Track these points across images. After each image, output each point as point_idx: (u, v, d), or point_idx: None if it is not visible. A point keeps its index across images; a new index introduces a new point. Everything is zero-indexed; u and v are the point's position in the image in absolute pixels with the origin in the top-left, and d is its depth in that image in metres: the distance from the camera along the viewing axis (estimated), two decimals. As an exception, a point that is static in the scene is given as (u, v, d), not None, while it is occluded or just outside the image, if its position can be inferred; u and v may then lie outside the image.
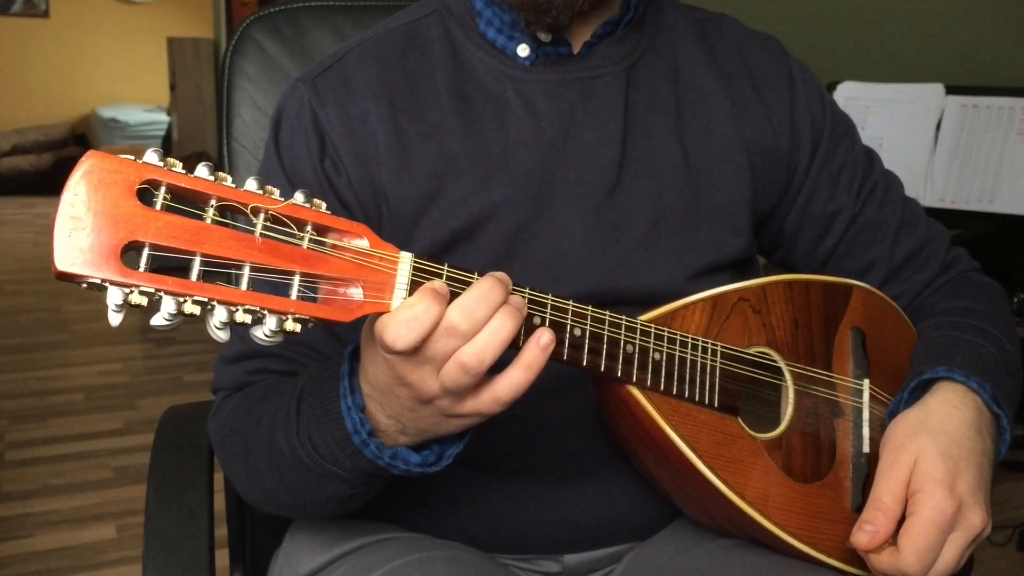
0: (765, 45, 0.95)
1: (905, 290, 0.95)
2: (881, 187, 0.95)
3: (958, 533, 0.73)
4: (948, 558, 0.73)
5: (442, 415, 0.65)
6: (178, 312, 0.52)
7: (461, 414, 0.64)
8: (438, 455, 0.70)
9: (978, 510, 0.74)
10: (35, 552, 2.19)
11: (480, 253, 0.82)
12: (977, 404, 0.79)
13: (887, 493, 0.75)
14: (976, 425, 0.77)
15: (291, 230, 0.56)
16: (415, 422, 0.66)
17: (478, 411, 0.64)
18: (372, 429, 0.67)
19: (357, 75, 0.84)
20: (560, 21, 0.80)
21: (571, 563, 0.89)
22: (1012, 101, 2.07)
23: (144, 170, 0.52)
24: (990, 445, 0.78)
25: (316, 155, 0.82)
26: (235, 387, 0.83)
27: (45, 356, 3.42)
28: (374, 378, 0.65)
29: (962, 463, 0.75)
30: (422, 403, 0.64)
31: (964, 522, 0.73)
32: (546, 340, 0.62)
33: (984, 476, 0.76)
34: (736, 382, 0.77)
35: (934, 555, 0.73)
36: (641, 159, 0.85)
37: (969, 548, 0.74)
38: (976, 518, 0.73)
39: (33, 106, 6.69)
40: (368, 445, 0.67)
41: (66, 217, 0.50)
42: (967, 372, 0.80)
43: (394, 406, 0.65)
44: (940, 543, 0.73)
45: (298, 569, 0.86)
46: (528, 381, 0.63)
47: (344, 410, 0.67)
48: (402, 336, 0.58)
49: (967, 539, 0.74)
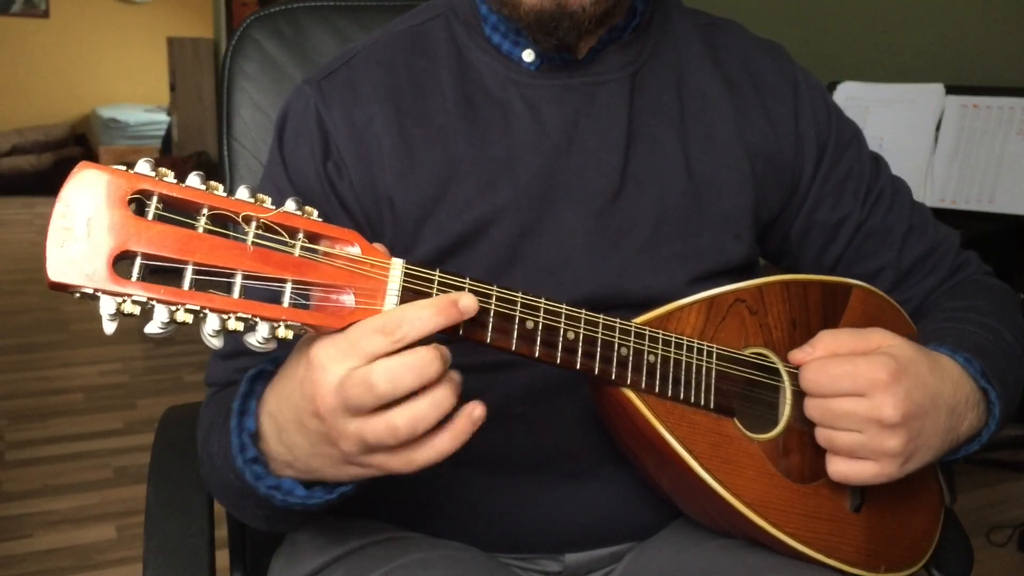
0: (770, 52, 0.94)
1: (914, 295, 0.95)
2: (888, 193, 0.95)
3: (863, 400, 0.72)
4: (834, 406, 0.73)
5: (344, 461, 0.62)
6: (171, 321, 0.52)
7: (363, 464, 0.62)
8: (327, 491, 0.67)
9: (898, 413, 0.72)
10: (35, 552, 2.19)
11: (483, 257, 0.82)
12: (963, 374, 0.78)
13: (850, 335, 0.76)
14: (956, 386, 0.77)
15: (283, 238, 0.56)
16: (308, 459, 0.64)
17: (385, 467, 0.62)
18: (256, 456, 0.66)
19: (363, 79, 0.84)
20: (567, 39, 0.81)
21: (571, 563, 0.89)
22: (1012, 101, 2.08)
23: (136, 180, 0.52)
24: (962, 410, 0.77)
25: (319, 157, 0.82)
26: (224, 383, 0.83)
27: (45, 356, 3.42)
28: (288, 396, 0.63)
29: (921, 379, 0.74)
30: (328, 442, 0.61)
31: (877, 398, 0.72)
32: (478, 414, 0.61)
33: (926, 409, 0.74)
34: (732, 383, 0.77)
35: (824, 380, 0.73)
36: (644, 165, 0.85)
37: (857, 423, 0.73)
38: (891, 411, 0.72)
39: (33, 106, 6.70)
40: (244, 471, 0.66)
41: (58, 227, 0.50)
42: (954, 348, 0.80)
43: (293, 436, 0.64)
44: (839, 383, 0.73)
45: (298, 569, 0.86)
46: (452, 451, 0.61)
47: (231, 429, 0.67)
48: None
49: (861, 411, 0.72)
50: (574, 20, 0.79)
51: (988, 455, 2.45)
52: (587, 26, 0.80)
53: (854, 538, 0.80)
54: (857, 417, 0.73)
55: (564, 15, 0.78)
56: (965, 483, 2.35)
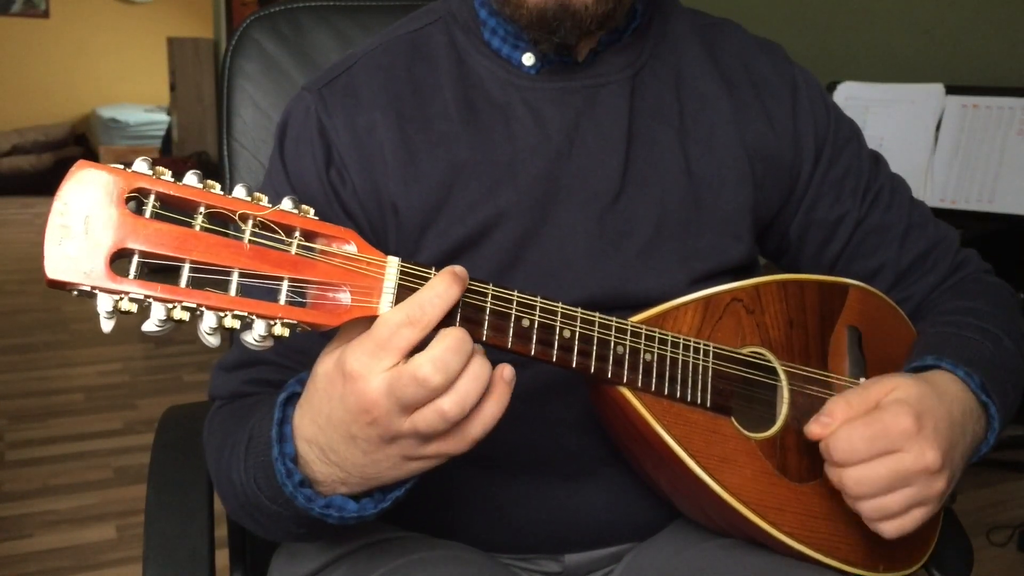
0: (768, 51, 0.95)
1: (913, 293, 0.95)
2: (887, 191, 0.95)
3: (904, 455, 0.71)
4: (878, 471, 0.71)
5: (402, 458, 0.63)
6: (168, 318, 0.53)
7: (422, 456, 0.63)
8: (378, 500, 0.68)
9: (935, 451, 0.71)
10: (35, 552, 2.19)
11: (485, 261, 0.82)
12: (964, 389, 0.78)
13: (856, 395, 0.74)
14: (961, 407, 0.77)
15: (279, 236, 0.57)
16: (364, 469, 0.64)
17: (443, 452, 0.63)
18: (303, 479, 0.67)
19: (364, 85, 0.84)
20: (568, 39, 0.80)
21: (571, 563, 0.89)
22: (1012, 101, 2.08)
23: (133, 178, 0.52)
24: (969, 428, 0.77)
25: (322, 164, 0.82)
26: (230, 396, 0.83)
27: (45, 356, 3.42)
28: (329, 418, 0.63)
29: (939, 413, 0.74)
30: (384, 445, 0.62)
31: (915, 450, 0.71)
32: (509, 374, 0.63)
33: (955, 440, 0.74)
34: (729, 382, 0.78)
35: (861, 449, 0.71)
36: (645, 167, 0.86)
37: (909, 487, 0.71)
38: (930, 454, 0.71)
39: (33, 106, 6.70)
40: (296, 496, 0.66)
41: (56, 226, 0.50)
42: (955, 361, 0.80)
43: (342, 453, 0.64)
44: (875, 447, 0.71)
45: (298, 569, 0.87)
46: (500, 415, 0.62)
47: (274, 458, 0.66)
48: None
49: (911, 469, 0.71)
50: (576, 19, 0.78)
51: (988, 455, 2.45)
52: (589, 25, 0.80)
53: (852, 537, 0.80)
54: (906, 473, 0.71)
55: (567, 14, 0.78)
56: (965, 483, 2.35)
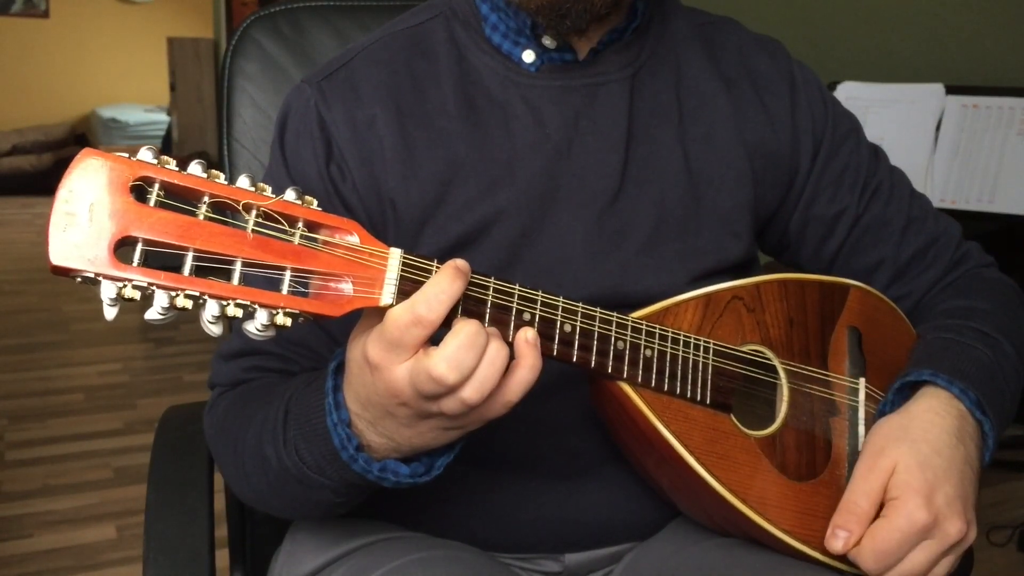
0: (767, 48, 0.95)
1: (913, 289, 0.95)
2: (886, 185, 0.95)
3: (933, 542, 0.74)
4: (916, 562, 0.73)
5: (443, 428, 0.65)
6: (170, 306, 0.53)
7: (462, 425, 0.65)
8: (427, 466, 0.70)
9: (956, 520, 0.74)
10: (35, 552, 2.19)
11: (484, 257, 0.82)
12: (960, 411, 0.79)
13: (863, 496, 0.76)
14: (958, 433, 0.77)
15: (282, 226, 0.57)
16: (411, 439, 0.66)
17: (483, 418, 0.65)
18: (359, 444, 0.68)
19: (364, 80, 0.84)
20: (578, 25, 0.80)
21: (571, 562, 0.89)
22: (1012, 101, 2.07)
23: (138, 167, 0.52)
24: (973, 452, 0.78)
25: (322, 159, 0.82)
26: (231, 383, 0.84)
27: (45, 356, 3.42)
28: (368, 398, 0.65)
29: (942, 473, 0.75)
30: (421, 419, 0.64)
31: (939, 532, 0.74)
32: (531, 336, 0.64)
33: (965, 485, 0.76)
34: (729, 379, 0.78)
35: (893, 559, 0.73)
36: (644, 166, 0.86)
37: (945, 557, 0.75)
38: (953, 528, 0.74)
39: (33, 106, 6.70)
40: (356, 460, 0.67)
41: (61, 213, 0.51)
42: (951, 377, 0.80)
43: (388, 426, 0.66)
44: (904, 550, 0.73)
45: (298, 569, 0.87)
46: (535, 378, 0.64)
47: (331, 426, 0.68)
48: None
49: (941, 548, 0.74)
50: (586, 4, 0.78)
51: (987, 455, 2.45)
52: (600, 10, 0.79)
53: (852, 535, 0.80)
54: (939, 554, 0.74)
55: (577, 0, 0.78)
56: (965, 483, 2.35)
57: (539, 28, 0.83)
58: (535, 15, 0.80)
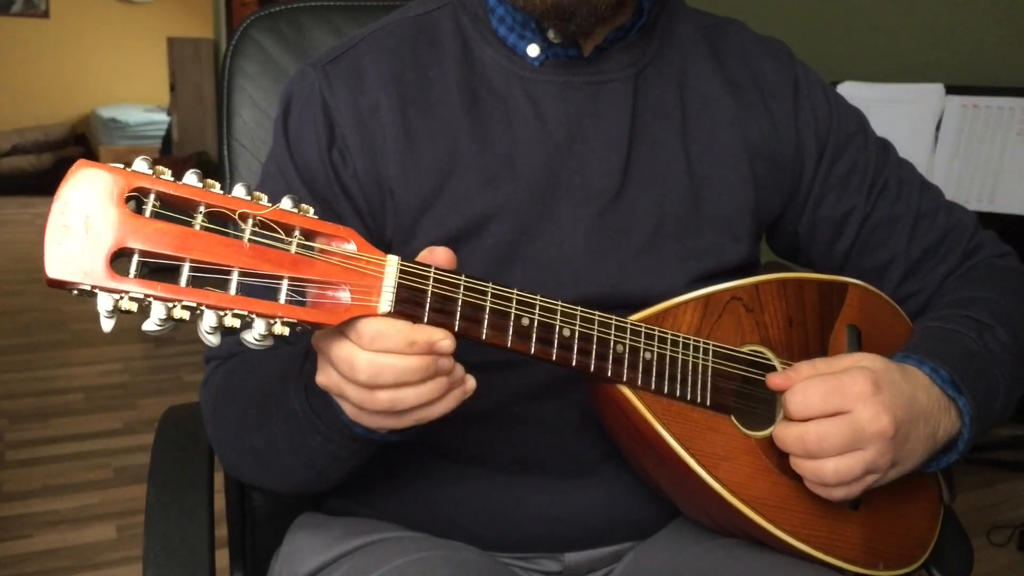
0: (771, 50, 0.94)
1: (926, 284, 0.94)
2: (895, 182, 0.95)
3: (858, 415, 0.72)
4: (830, 429, 0.72)
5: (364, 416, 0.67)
6: (168, 317, 0.53)
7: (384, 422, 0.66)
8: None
9: (889, 416, 0.73)
10: (35, 552, 2.19)
11: (483, 253, 0.82)
12: (927, 384, 0.78)
13: (823, 361, 0.76)
14: (928, 392, 0.78)
15: (279, 235, 0.57)
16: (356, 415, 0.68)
17: (393, 425, 0.66)
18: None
19: (368, 66, 0.84)
20: (584, 28, 0.80)
21: (571, 562, 0.89)
22: (1012, 101, 2.07)
23: (133, 178, 0.52)
24: (935, 416, 0.78)
25: (324, 144, 0.82)
26: (228, 355, 0.84)
27: (45, 356, 3.42)
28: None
29: (898, 387, 0.75)
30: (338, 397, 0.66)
31: (869, 410, 0.72)
32: (471, 386, 0.66)
33: (913, 417, 0.75)
34: (729, 381, 0.78)
35: (814, 399, 0.73)
36: (646, 166, 0.85)
37: (860, 440, 0.73)
38: (885, 418, 0.72)
39: (33, 106, 6.69)
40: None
41: (57, 225, 0.51)
42: (922, 357, 0.80)
43: None
44: (828, 401, 0.73)
45: (298, 569, 0.87)
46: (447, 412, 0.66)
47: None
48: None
49: (862, 425, 0.72)
50: (592, 5, 0.78)
51: (988, 455, 2.45)
52: (604, 11, 0.79)
53: (852, 536, 0.80)
54: (860, 434, 0.72)
55: (583, 1, 0.77)
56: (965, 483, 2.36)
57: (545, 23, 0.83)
58: (540, 19, 0.81)
